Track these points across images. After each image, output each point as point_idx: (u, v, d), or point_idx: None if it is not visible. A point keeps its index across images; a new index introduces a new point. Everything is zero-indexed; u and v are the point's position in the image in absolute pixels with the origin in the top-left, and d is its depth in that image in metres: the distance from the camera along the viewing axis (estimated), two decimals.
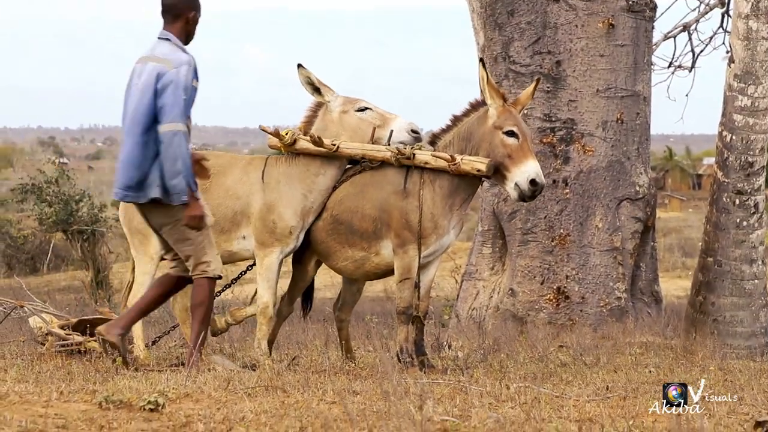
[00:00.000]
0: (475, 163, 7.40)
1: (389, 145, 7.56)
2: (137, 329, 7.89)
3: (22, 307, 9.26)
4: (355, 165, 7.75)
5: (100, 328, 7.04)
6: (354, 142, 7.62)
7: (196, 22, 7.07)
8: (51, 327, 8.32)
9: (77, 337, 8.12)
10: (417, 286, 7.58)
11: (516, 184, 7.35)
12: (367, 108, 7.74)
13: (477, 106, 7.65)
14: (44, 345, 8.18)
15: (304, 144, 7.60)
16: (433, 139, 7.75)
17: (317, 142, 7.51)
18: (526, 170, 7.33)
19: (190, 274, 6.99)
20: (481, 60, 7.51)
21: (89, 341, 8.01)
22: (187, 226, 6.81)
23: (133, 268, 8.06)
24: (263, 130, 7.91)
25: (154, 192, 6.76)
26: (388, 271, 7.78)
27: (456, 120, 7.71)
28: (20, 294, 14.73)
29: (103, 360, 7.10)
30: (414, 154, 7.49)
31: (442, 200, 7.52)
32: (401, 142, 7.58)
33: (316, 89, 7.75)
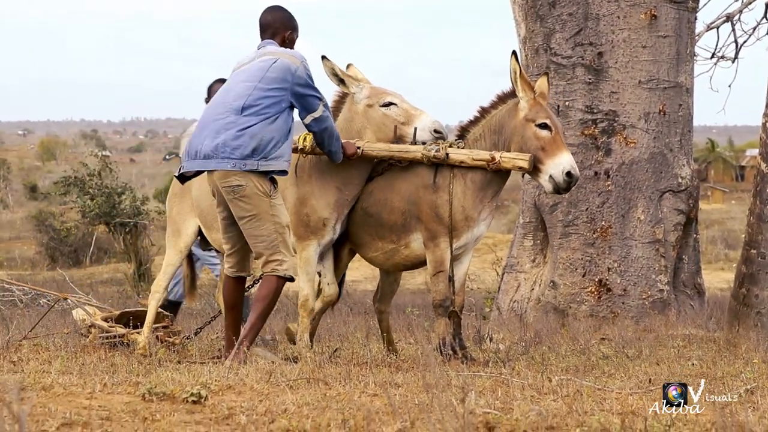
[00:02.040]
0: (517, 161, 7.37)
1: (414, 143, 7.53)
2: (149, 316, 8.05)
3: (65, 299, 9.34)
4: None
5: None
6: (379, 143, 7.58)
7: (293, 42, 7.41)
8: (94, 319, 8.38)
9: (120, 329, 8.19)
10: (451, 279, 7.57)
11: (551, 176, 7.32)
12: (392, 103, 7.66)
13: (505, 98, 7.60)
14: (88, 337, 8.24)
15: None
16: (462, 132, 7.70)
17: None
18: (560, 162, 7.30)
19: (260, 270, 7.08)
20: (514, 52, 7.47)
21: (132, 333, 8.08)
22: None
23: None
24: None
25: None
26: (419, 263, 7.77)
27: (484, 112, 7.67)
28: (63, 286, 14.84)
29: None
30: (448, 155, 7.45)
31: (474, 193, 7.50)
32: (423, 142, 7.54)
33: (340, 80, 7.75)
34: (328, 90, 7.69)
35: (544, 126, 7.37)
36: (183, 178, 7.35)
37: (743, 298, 8.75)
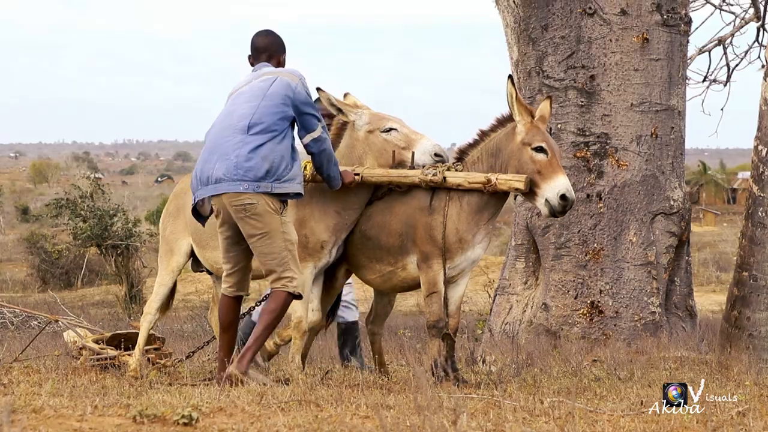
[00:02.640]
0: (513, 182, 7.38)
1: (413, 167, 7.54)
2: (140, 338, 8.04)
3: (56, 321, 9.32)
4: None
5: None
6: (378, 169, 7.60)
7: (284, 64, 7.46)
8: (85, 341, 8.36)
9: (111, 351, 8.17)
10: (445, 301, 7.57)
11: (546, 200, 7.32)
12: (393, 129, 7.68)
13: (504, 121, 7.62)
14: (79, 359, 8.22)
15: None
16: (461, 155, 7.70)
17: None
18: (556, 186, 7.30)
19: (269, 286, 7.10)
20: (510, 77, 7.49)
21: (123, 355, 8.06)
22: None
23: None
24: None
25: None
26: (416, 285, 7.77)
27: (483, 135, 7.68)
28: (55, 308, 14.82)
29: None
30: (445, 178, 7.46)
31: (469, 216, 7.50)
32: (422, 166, 7.55)
33: (339, 110, 7.76)
34: None
35: (540, 149, 7.37)
36: (199, 216, 7.32)
37: (735, 321, 8.75)
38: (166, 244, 8.21)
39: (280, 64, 7.38)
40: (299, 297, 7.11)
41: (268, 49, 7.37)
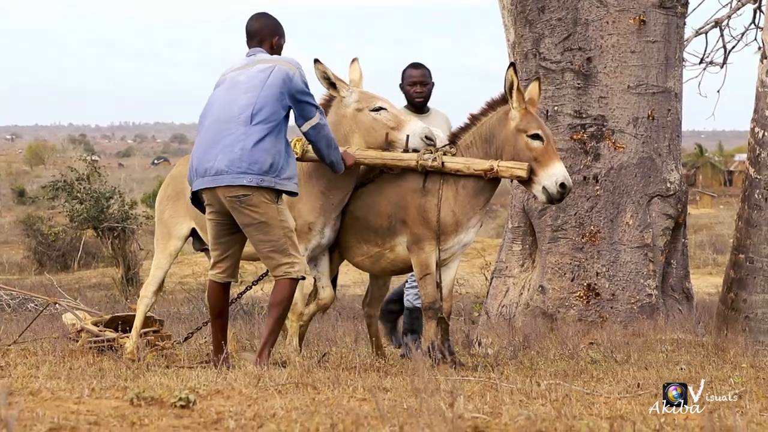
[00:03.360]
0: (514, 170, 7.36)
1: (407, 150, 7.52)
2: (137, 320, 8.02)
3: (55, 303, 9.32)
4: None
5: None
6: (371, 151, 7.57)
7: (280, 47, 7.40)
8: (84, 324, 8.37)
9: (110, 334, 8.18)
10: (438, 285, 7.57)
11: (544, 187, 7.31)
12: (382, 108, 7.65)
13: (494, 105, 7.58)
14: (77, 342, 8.22)
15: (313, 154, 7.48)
16: (453, 139, 7.69)
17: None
18: (554, 173, 7.29)
19: (271, 275, 7.08)
20: (513, 65, 7.45)
21: (122, 338, 8.07)
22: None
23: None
24: None
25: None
26: (405, 268, 7.77)
27: (474, 119, 7.65)
28: (51, 291, 14.82)
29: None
30: (443, 163, 7.44)
31: (466, 199, 7.49)
32: (415, 150, 7.53)
33: (331, 84, 7.72)
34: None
35: (536, 137, 7.36)
36: (200, 204, 7.27)
37: (731, 303, 8.76)
38: (164, 227, 8.17)
39: (273, 47, 7.31)
40: (303, 278, 7.11)
41: (258, 33, 7.31)
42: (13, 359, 7.22)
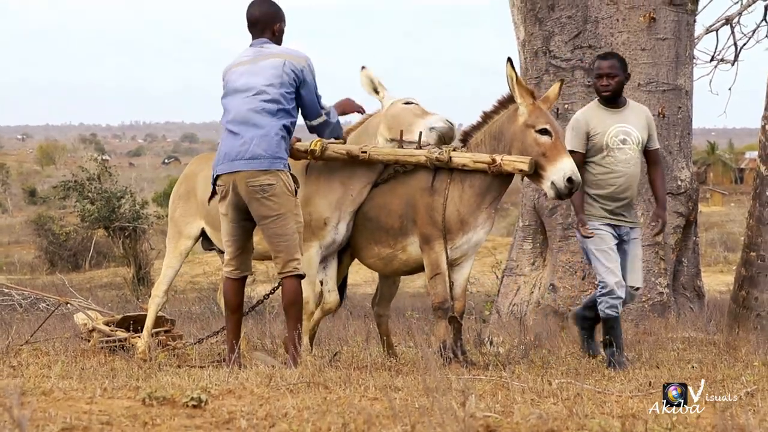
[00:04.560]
0: (517, 163, 7.35)
1: (420, 146, 7.55)
2: (149, 320, 8.04)
3: (67, 303, 9.34)
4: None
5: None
6: (385, 147, 7.63)
7: (281, 32, 7.41)
8: (96, 323, 8.38)
9: (121, 334, 8.19)
10: (450, 283, 7.56)
11: (552, 182, 7.29)
12: (412, 102, 7.80)
13: (506, 102, 7.58)
14: (89, 341, 8.24)
15: (333, 152, 7.61)
16: (465, 137, 7.70)
17: (346, 152, 7.56)
18: (562, 168, 7.27)
19: (278, 271, 7.08)
20: (509, 59, 7.44)
21: (133, 338, 8.08)
22: None
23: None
24: (297, 150, 7.77)
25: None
26: (418, 268, 7.77)
27: (486, 117, 7.66)
28: (63, 290, 14.83)
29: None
30: (451, 158, 7.45)
31: (472, 198, 7.48)
32: (427, 144, 7.58)
33: (375, 90, 7.84)
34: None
35: (544, 132, 7.34)
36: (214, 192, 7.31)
37: (743, 301, 8.75)
38: (175, 226, 8.20)
39: (275, 34, 7.33)
40: (303, 276, 7.11)
41: (260, 21, 7.31)
42: (25, 359, 7.24)
